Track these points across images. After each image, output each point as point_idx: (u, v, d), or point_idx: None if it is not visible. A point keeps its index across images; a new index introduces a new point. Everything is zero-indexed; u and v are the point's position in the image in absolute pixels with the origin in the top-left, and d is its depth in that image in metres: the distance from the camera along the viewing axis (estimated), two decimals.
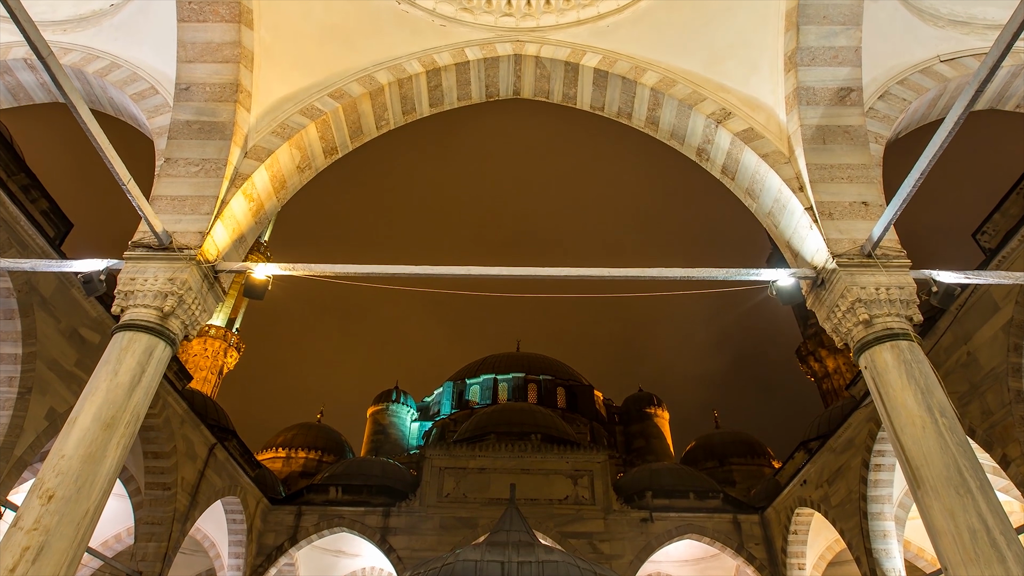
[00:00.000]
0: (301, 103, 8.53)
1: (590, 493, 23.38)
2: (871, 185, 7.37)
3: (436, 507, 23.01)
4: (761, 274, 7.09)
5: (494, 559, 12.10)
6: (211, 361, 40.83)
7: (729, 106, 8.45)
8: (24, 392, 10.63)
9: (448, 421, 38.69)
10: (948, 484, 5.23)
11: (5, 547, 4.94)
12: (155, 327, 6.35)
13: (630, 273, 7.05)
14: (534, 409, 32.91)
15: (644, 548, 22.02)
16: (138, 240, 6.93)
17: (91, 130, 5.50)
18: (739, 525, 22.54)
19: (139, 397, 5.96)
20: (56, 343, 11.33)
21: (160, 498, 16.23)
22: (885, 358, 6.10)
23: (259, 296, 7.37)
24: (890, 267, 6.63)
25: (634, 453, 38.92)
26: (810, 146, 7.59)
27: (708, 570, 25.44)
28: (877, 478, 15.74)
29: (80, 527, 5.20)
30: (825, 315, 6.95)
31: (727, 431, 35.67)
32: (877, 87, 8.13)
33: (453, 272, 7.11)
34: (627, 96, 9.01)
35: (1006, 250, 10.29)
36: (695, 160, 8.96)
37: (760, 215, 8.32)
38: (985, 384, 10.88)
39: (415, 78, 9.02)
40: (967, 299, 11.19)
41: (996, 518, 5.03)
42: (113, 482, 5.63)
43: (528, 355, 44.58)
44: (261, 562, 21.38)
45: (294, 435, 34.63)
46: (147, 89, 8.37)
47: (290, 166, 8.43)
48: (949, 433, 5.49)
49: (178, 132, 7.79)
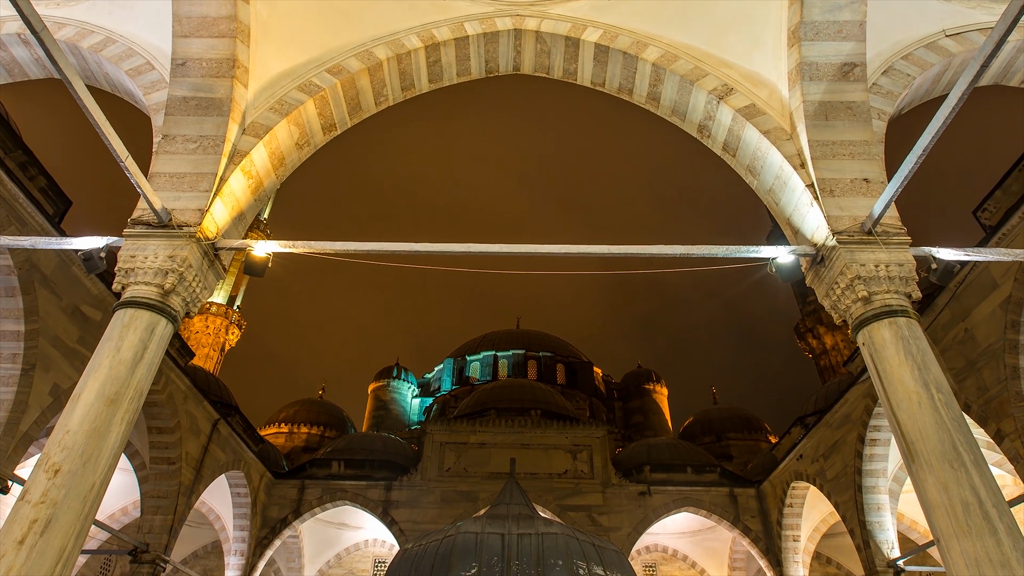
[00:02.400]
0: (299, 79, 8.44)
1: (589, 467, 23.69)
2: (873, 162, 7.33)
3: (437, 481, 23.34)
4: (761, 251, 7.10)
5: (494, 531, 12.30)
6: (213, 338, 40.99)
7: (731, 82, 8.36)
8: (28, 368, 10.71)
9: (449, 397, 39.01)
10: (942, 458, 5.30)
11: (13, 520, 5.03)
12: (156, 304, 6.37)
13: (630, 250, 7.05)
14: (534, 385, 33.14)
15: (642, 521, 22.40)
16: (137, 218, 6.92)
17: (87, 106, 5.46)
18: (735, 498, 22.91)
19: (142, 373, 6.01)
20: (58, 320, 11.38)
21: (165, 472, 16.46)
22: (883, 335, 6.14)
23: (259, 273, 7.39)
24: (890, 244, 6.64)
25: (633, 428, 39.30)
26: (812, 122, 7.53)
27: (704, 542, 25.92)
28: (872, 452, 15.94)
29: (87, 500, 5.29)
30: (824, 292, 6.98)
31: (725, 407, 35.99)
32: (881, 62, 8.03)
33: (453, 249, 7.11)
34: (628, 72, 8.90)
35: (1006, 227, 10.27)
36: (696, 137, 8.89)
37: (761, 192, 8.29)
38: (982, 360, 10.95)
39: (414, 53, 8.91)
40: (966, 276, 11.22)
41: (989, 491, 5.11)
42: (118, 456, 5.71)
43: (528, 332, 44.76)
44: (266, 534, 21.77)
45: (296, 411, 34.93)
46: (143, 64, 8.27)
47: (288, 143, 8.38)
48: (945, 408, 5.55)
49: (175, 108, 7.72)
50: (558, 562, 11.46)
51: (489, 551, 11.72)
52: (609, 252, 7.10)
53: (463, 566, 11.39)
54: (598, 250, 7.10)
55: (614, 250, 7.09)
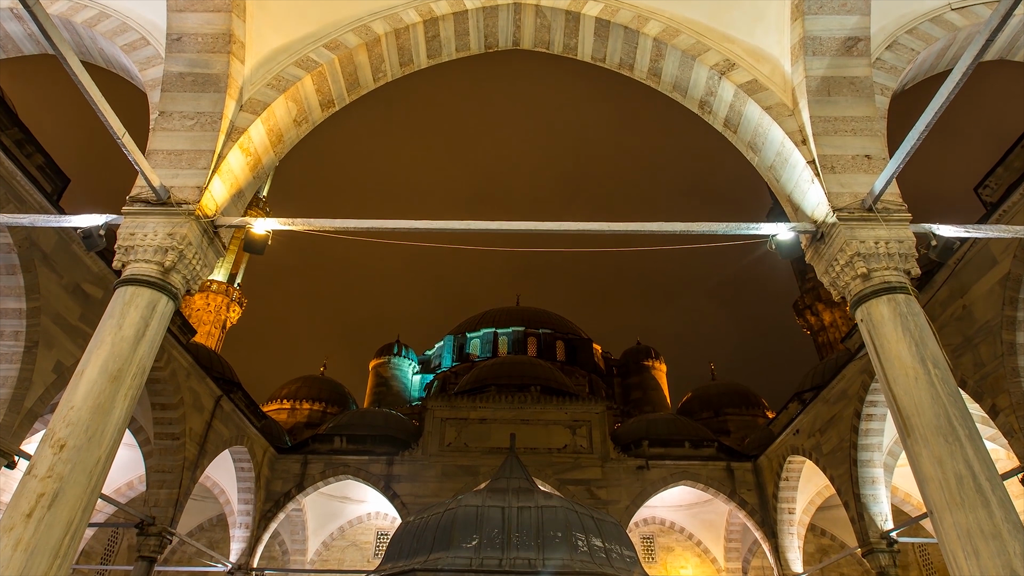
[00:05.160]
0: (296, 54, 8.33)
1: (588, 442, 23.96)
2: (875, 138, 7.28)
3: (438, 456, 23.62)
4: (761, 228, 7.08)
5: (495, 504, 12.51)
6: (214, 316, 41.11)
7: (733, 57, 8.25)
8: (31, 346, 10.77)
9: (449, 374, 39.25)
10: (937, 432, 5.36)
11: (21, 494, 5.11)
12: (157, 282, 6.39)
13: (631, 227, 7.04)
14: (533, 362, 33.34)
15: (640, 494, 22.74)
16: (136, 195, 6.90)
17: (82, 82, 5.41)
18: (732, 472, 23.22)
19: (144, 350, 6.05)
20: (59, 298, 11.41)
21: (169, 447, 16.66)
22: (881, 311, 6.16)
23: (259, 251, 7.40)
24: (890, 221, 6.62)
25: (632, 404, 39.63)
26: (814, 98, 7.46)
27: (701, 514, 26.34)
28: (868, 427, 16.12)
29: (92, 474, 5.36)
30: (824, 269, 6.99)
31: (723, 383, 36.27)
32: (885, 36, 7.92)
33: (453, 227, 7.10)
34: (629, 47, 8.79)
35: (1007, 204, 10.25)
36: (697, 113, 8.80)
37: (762, 169, 8.25)
38: (979, 337, 11.01)
39: (412, 28, 8.78)
40: (965, 254, 11.22)
41: (982, 464, 5.18)
42: (122, 432, 5.78)
43: (528, 309, 44.87)
44: (270, 508, 22.11)
45: (298, 387, 35.21)
46: (138, 40, 8.15)
47: (286, 119, 8.31)
48: (941, 384, 5.60)
49: (171, 85, 7.64)
50: (557, 534, 11.67)
51: (490, 523, 11.93)
52: (610, 229, 7.09)
53: (464, 538, 11.60)
54: (598, 227, 7.08)
55: (615, 227, 7.07)
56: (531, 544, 11.42)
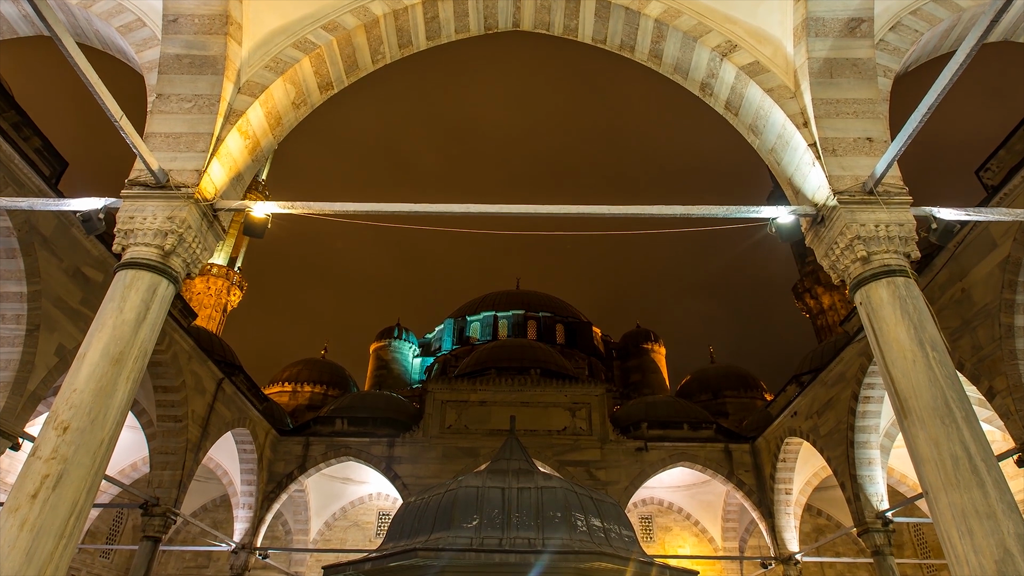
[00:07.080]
0: (294, 36, 8.24)
1: (587, 424, 24.14)
2: (877, 121, 7.23)
3: (439, 438, 23.81)
4: (761, 211, 7.07)
5: (495, 485, 12.62)
6: (215, 299, 41.17)
7: (735, 38, 8.17)
8: (32, 329, 10.81)
9: (449, 357, 39.41)
10: (934, 414, 5.39)
11: (26, 475, 5.16)
12: (157, 265, 6.40)
13: (631, 211, 7.03)
14: (533, 345, 33.45)
15: (639, 475, 22.96)
16: (135, 178, 6.87)
17: (79, 64, 5.36)
18: (730, 453, 23.43)
19: (145, 333, 6.07)
20: (60, 281, 11.42)
21: (172, 430, 16.79)
22: (880, 294, 6.17)
23: (259, 234, 7.39)
24: (891, 204, 6.61)
25: (631, 387, 39.84)
26: (817, 80, 7.40)
27: (699, 495, 26.63)
28: (865, 409, 16.23)
29: (96, 456, 5.41)
30: (823, 252, 6.98)
31: (721, 365, 36.42)
32: (889, 17, 7.82)
33: (453, 210, 7.08)
34: (630, 28, 8.69)
35: (1008, 187, 10.22)
36: (698, 95, 8.73)
37: (762, 152, 8.21)
38: (977, 320, 11.05)
39: (411, 9, 8.68)
40: (965, 237, 11.21)
41: (978, 446, 5.22)
42: (125, 414, 5.82)
43: (528, 292, 44.92)
44: (272, 489, 22.34)
45: (299, 370, 35.37)
46: (134, 21, 8.06)
47: (285, 102, 8.25)
48: (938, 366, 5.63)
49: (168, 67, 7.57)
50: (557, 514, 11.79)
51: (490, 504, 12.05)
52: (609, 213, 7.08)
53: (465, 518, 11.73)
54: (598, 211, 7.07)
55: (614, 210, 7.06)
56: (531, 524, 11.55)
